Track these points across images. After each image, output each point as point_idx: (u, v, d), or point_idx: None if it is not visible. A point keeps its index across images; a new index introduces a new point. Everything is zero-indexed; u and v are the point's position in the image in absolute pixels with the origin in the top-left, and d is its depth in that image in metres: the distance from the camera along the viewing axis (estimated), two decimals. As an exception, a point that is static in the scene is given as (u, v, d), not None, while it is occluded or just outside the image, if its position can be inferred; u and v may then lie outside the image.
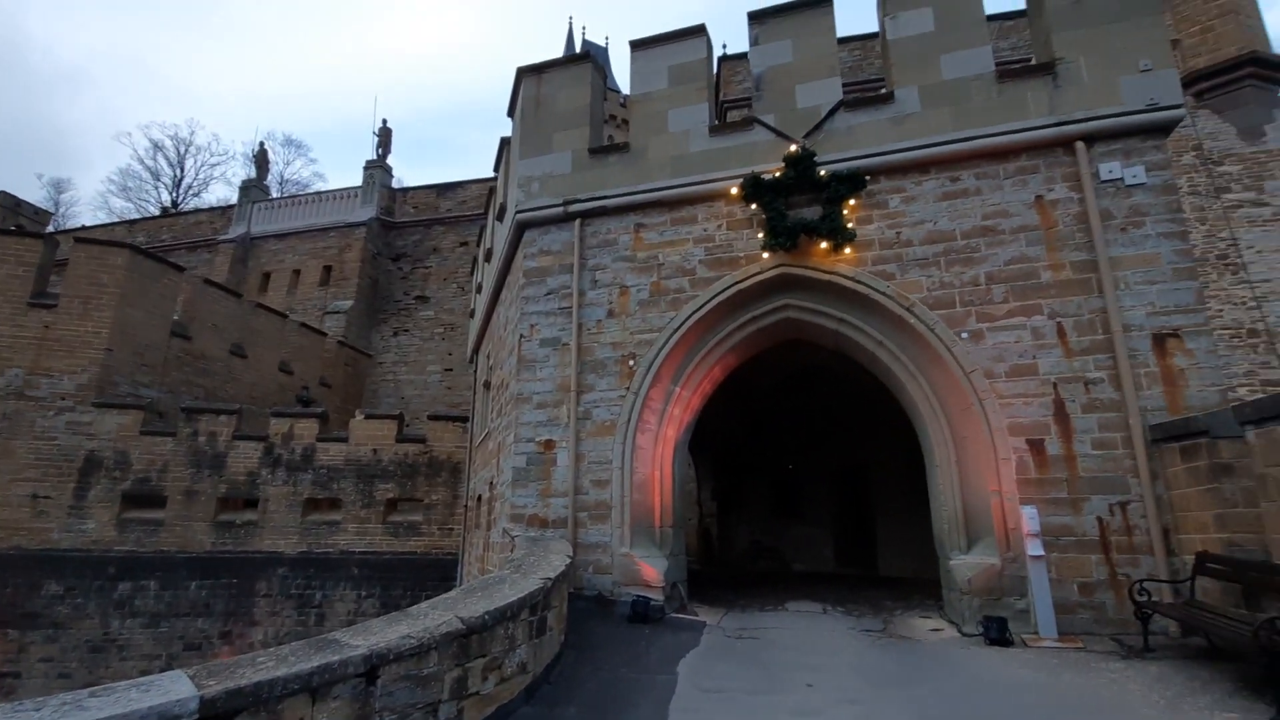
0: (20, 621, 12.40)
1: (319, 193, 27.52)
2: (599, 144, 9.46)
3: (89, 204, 41.11)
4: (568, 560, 6.32)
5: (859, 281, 7.88)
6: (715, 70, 9.23)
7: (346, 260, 24.57)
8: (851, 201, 8.03)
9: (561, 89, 9.81)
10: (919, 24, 8.36)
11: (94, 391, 14.31)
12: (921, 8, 8.29)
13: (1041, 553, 6.47)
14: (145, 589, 13.29)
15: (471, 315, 16.90)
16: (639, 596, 7.37)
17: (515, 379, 9.05)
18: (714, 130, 8.88)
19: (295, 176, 45.99)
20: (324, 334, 22.04)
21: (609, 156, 9.28)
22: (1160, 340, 6.87)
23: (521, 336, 9.12)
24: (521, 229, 9.63)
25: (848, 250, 7.93)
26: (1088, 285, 7.19)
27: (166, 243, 27.39)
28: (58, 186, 46.17)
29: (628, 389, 8.39)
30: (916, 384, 7.74)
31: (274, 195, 29.78)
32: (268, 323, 19.80)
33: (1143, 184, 7.33)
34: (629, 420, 8.27)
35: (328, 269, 25.07)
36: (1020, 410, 7.06)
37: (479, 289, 15.14)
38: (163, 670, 12.36)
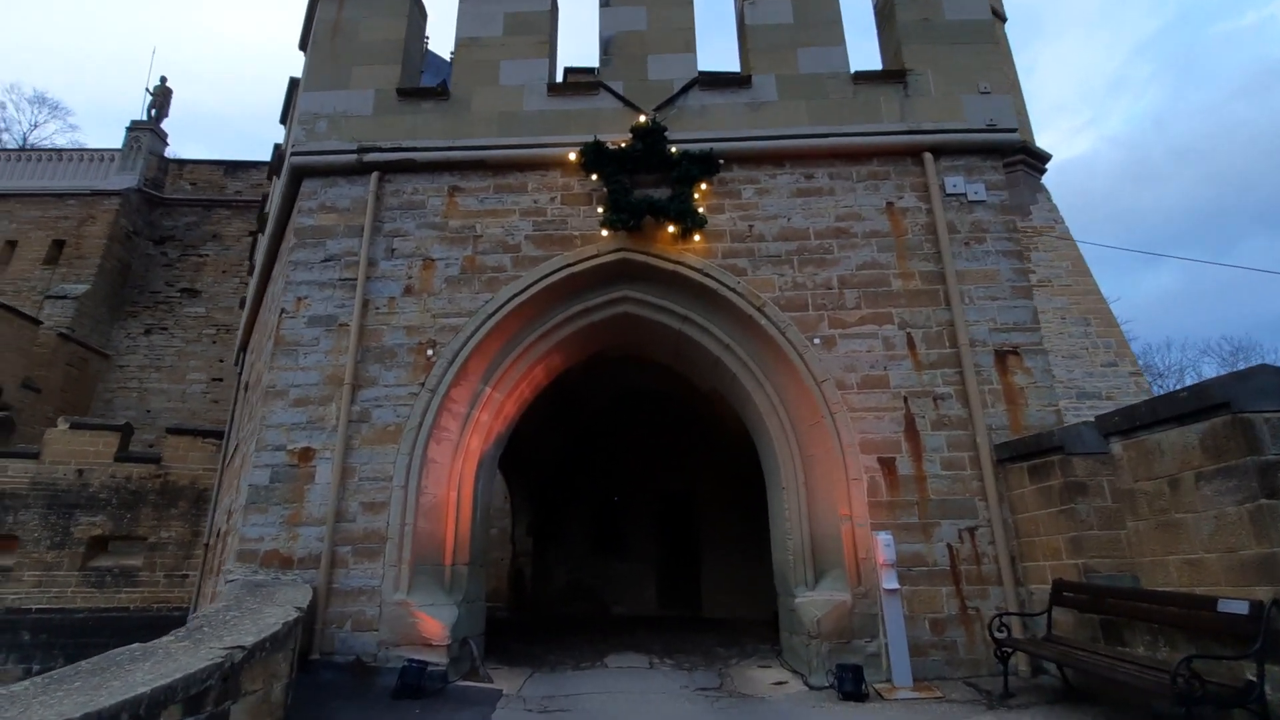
0: None
1: (59, 149, 22.03)
2: (413, 85, 7.69)
3: None
4: (295, 614, 4.28)
5: (708, 275, 6.88)
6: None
7: (87, 235, 19.54)
8: (704, 185, 7.08)
9: (369, 15, 7.94)
10: (778, 14, 7.83)
11: None
12: (781, -1, 7.77)
13: (896, 585, 5.66)
14: None
15: (242, 305, 13.77)
16: (412, 662, 5.43)
17: (269, 368, 6.78)
18: (553, 90, 7.56)
19: (47, 142, 37.25)
20: (36, 321, 17.03)
21: (423, 102, 7.55)
22: (1002, 357, 6.59)
23: (284, 312, 6.90)
24: (299, 178, 7.48)
25: (697, 238, 6.92)
26: (936, 296, 6.81)
27: None
28: None
29: (423, 385, 6.55)
30: (764, 394, 6.82)
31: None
32: (-58, 298, 14.72)
33: (983, 201, 7.20)
34: (421, 424, 6.40)
35: (59, 244, 19.76)
36: (872, 425, 6.36)
37: (252, 269, 12.27)
38: None
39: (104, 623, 10.73)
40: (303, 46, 8.70)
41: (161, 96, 22.31)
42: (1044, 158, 13.92)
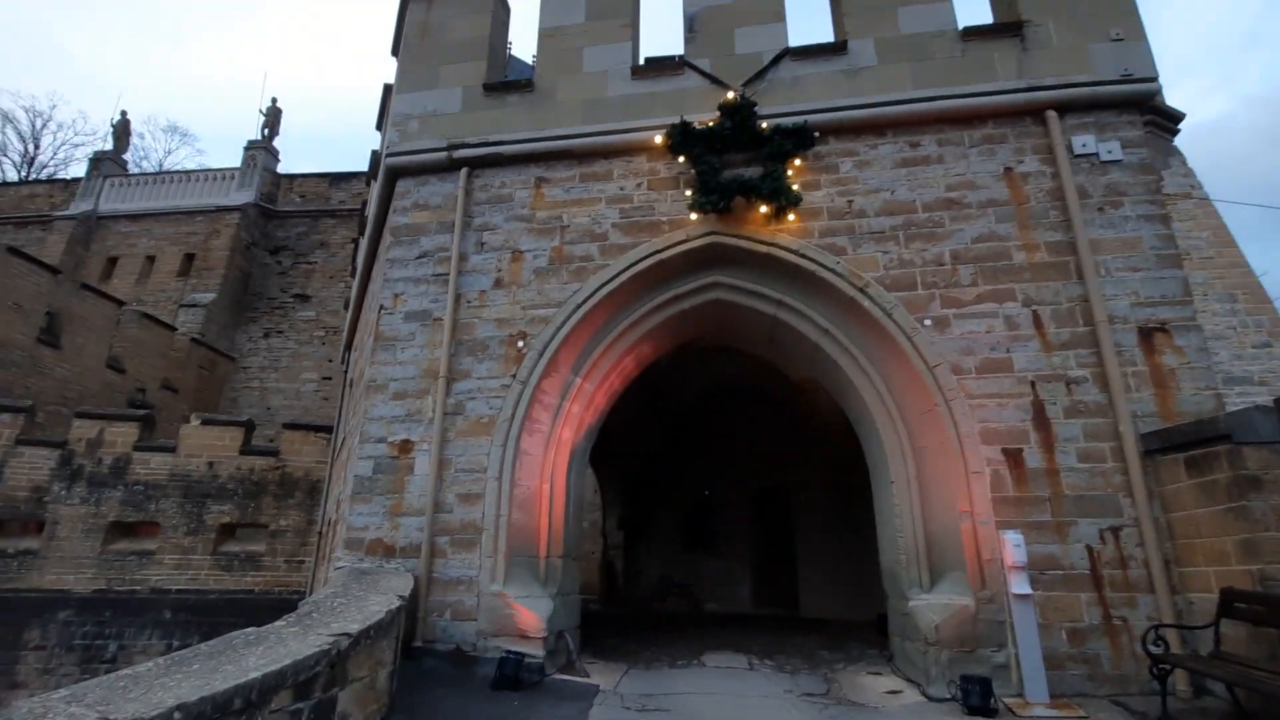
0: None
1: (188, 171, 24.12)
2: (498, 79, 7.72)
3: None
4: (398, 602, 4.31)
5: (804, 255, 6.48)
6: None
7: (213, 248, 21.33)
8: (798, 161, 6.68)
9: (456, 15, 8.05)
10: (874, -28, 7.27)
11: None
12: (878, -48, 7.20)
13: (1028, 590, 5.09)
14: None
15: (346, 307, 14.51)
16: (509, 653, 5.41)
17: (370, 362, 6.99)
18: (637, 73, 7.37)
19: (178, 166, 41.22)
20: (172, 328, 18.72)
21: (508, 95, 7.56)
22: (1147, 335, 5.81)
23: (382, 308, 7.10)
24: (394, 178, 7.68)
25: (791, 217, 6.53)
26: (1065, 269, 6.10)
27: (-12, 216, 23.06)
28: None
29: (514, 377, 6.54)
30: (868, 381, 6.35)
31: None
32: (95, 309, 16.43)
33: (1118, 160, 6.40)
34: (513, 417, 6.40)
35: (190, 257, 21.70)
36: (994, 413, 5.77)
37: (354, 272, 12.87)
38: None
39: (233, 603, 11.58)
40: (395, 52, 8.96)
41: (272, 117, 23.97)
42: (1176, 117, 12.41)
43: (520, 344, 6.64)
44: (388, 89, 9.83)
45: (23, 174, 35.78)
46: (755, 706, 5.12)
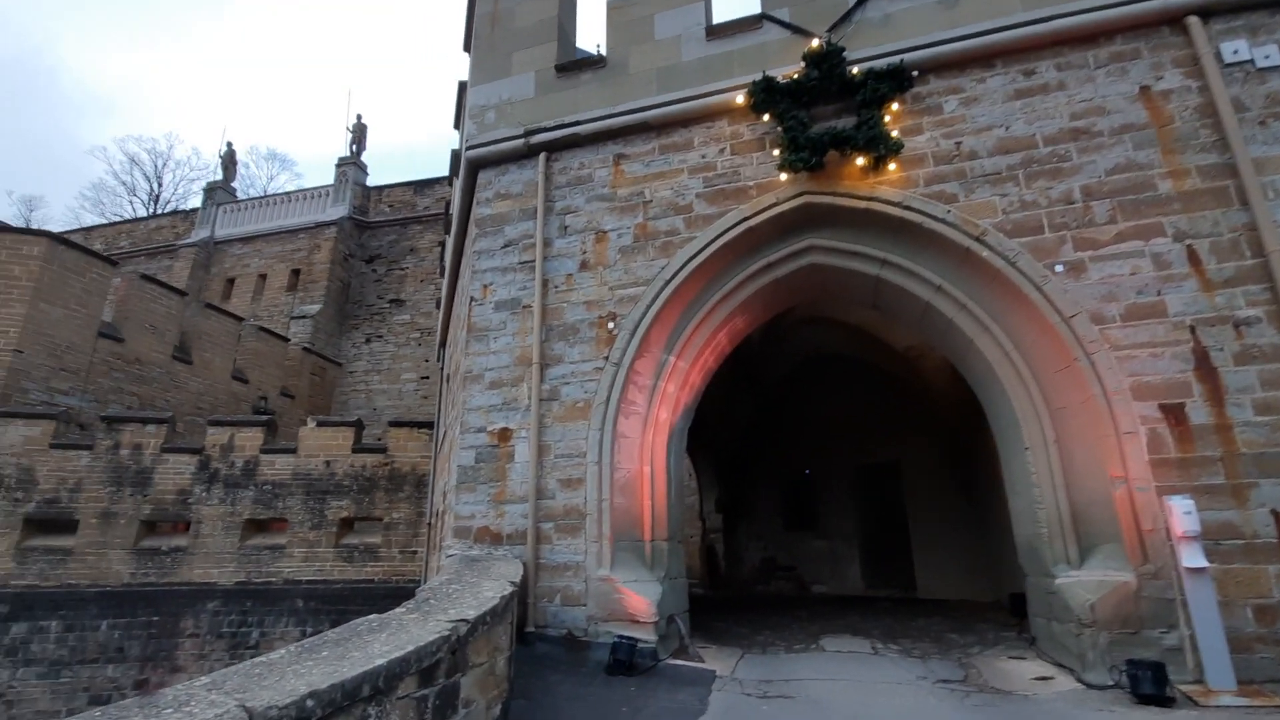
0: (-120, 675, 10.25)
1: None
2: (569, 60, 7.58)
3: (59, 221, 39.23)
4: (510, 588, 4.27)
5: (908, 207, 5.96)
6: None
7: (315, 262, 22.68)
8: (894, 105, 6.14)
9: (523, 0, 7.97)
10: (969, -112, 6.55)
11: (-3, 399, 12.30)
12: None
13: (1203, 563, 4.45)
14: (45, 631, 11.14)
15: (438, 306, 14.97)
16: (621, 638, 5.31)
17: (465, 354, 7.08)
18: (712, 33, 7.02)
19: (280, 190, 44.32)
20: (285, 339, 20.06)
21: (581, 74, 7.41)
22: (1335, 263, 4.93)
23: (473, 300, 7.16)
24: (475, 171, 7.73)
25: (892, 167, 6.02)
26: (1224, 195, 5.28)
27: (125, 250, 25.55)
28: (30, 204, 44.41)
29: (606, 359, 6.42)
30: (990, 339, 5.78)
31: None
32: (219, 326, 17.84)
33: (1278, 66, 5.46)
34: (609, 400, 6.28)
35: (296, 272, 23.18)
36: (1147, 365, 5.09)
37: (442, 271, 13.22)
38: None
39: (356, 592, 12.27)
40: (466, 47, 9.01)
41: (358, 133, 25.13)
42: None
43: (610, 325, 6.51)
44: (462, 86, 9.94)
45: (150, 209, 39.44)
46: (886, 694, 4.77)
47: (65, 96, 78.29)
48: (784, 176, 6.24)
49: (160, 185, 42.59)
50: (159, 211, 38.94)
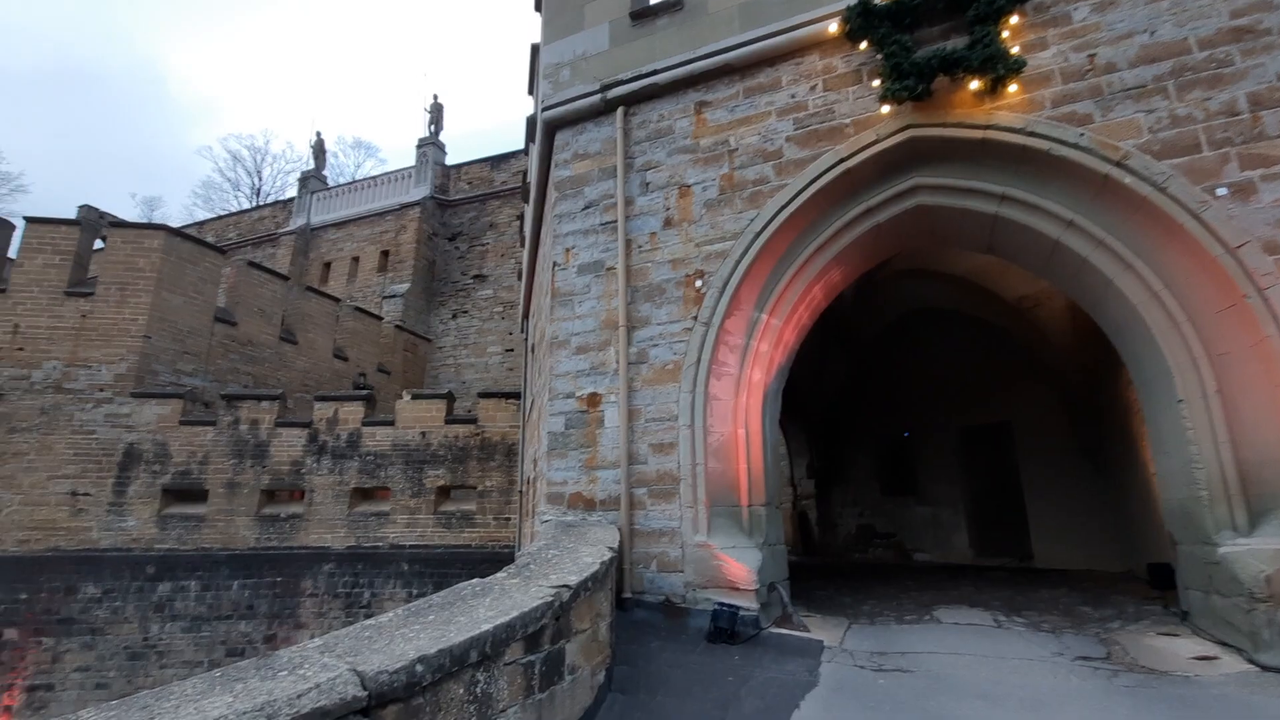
0: (55, 628, 11.58)
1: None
2: (643, 6, 7.20)
3: (176, 218, 42.55)
4: (609, 554, 4.16)
5: (1033, 133, 5.28)
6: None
7: (402, 243, 23.48)
8: (1013, 19, 5.43)
9: (592, -53, 7.61)
10: None
11: (133, 381, 13.45)
12: None
13: None
14: (185, 590, 12.25)
15: (520, 277, 15.09)
16: (722, 605, 5.13)
17: (550, 320, 6.99)
18: (797, -40, 6.44)
19: (366, 175, 46.23)
20: (379, 318, 20.95)
21: (657, 19, 7.02)
22: None
23: (555, 265, 7.04)
24: (551, 133, 7.54)
25: (1012, 89, 5.33)
26: None
27: (233, 240, 27.34)
28: (151, 204, 48.44)
29: (695, 319, 6.14)
30: (1134, 278, 5.07)
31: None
32: (319, 307, 18.80)
33: None
34: (699, 361, 6.02)
35: (385, 254, 24.09)
36: (1340, 299, 4.30)
37: (523, 241, 13.26)
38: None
39: (455, 556, 12.78)
40: (537, 7, 8.78)
41: (436, 113, 25.61)
42: None
43: (698, 283, 6.21)
44: (535, 48, 9.73)
45: (252, 201, 42.10)
46: (1018, 671, 4.36)
47: (175, 101, 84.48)
48: (885, 109, 5.68)
49: (260, 179, 45.38)
50: (260, 203, 41.52)
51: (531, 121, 9.61)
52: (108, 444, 12.99)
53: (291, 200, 27.59)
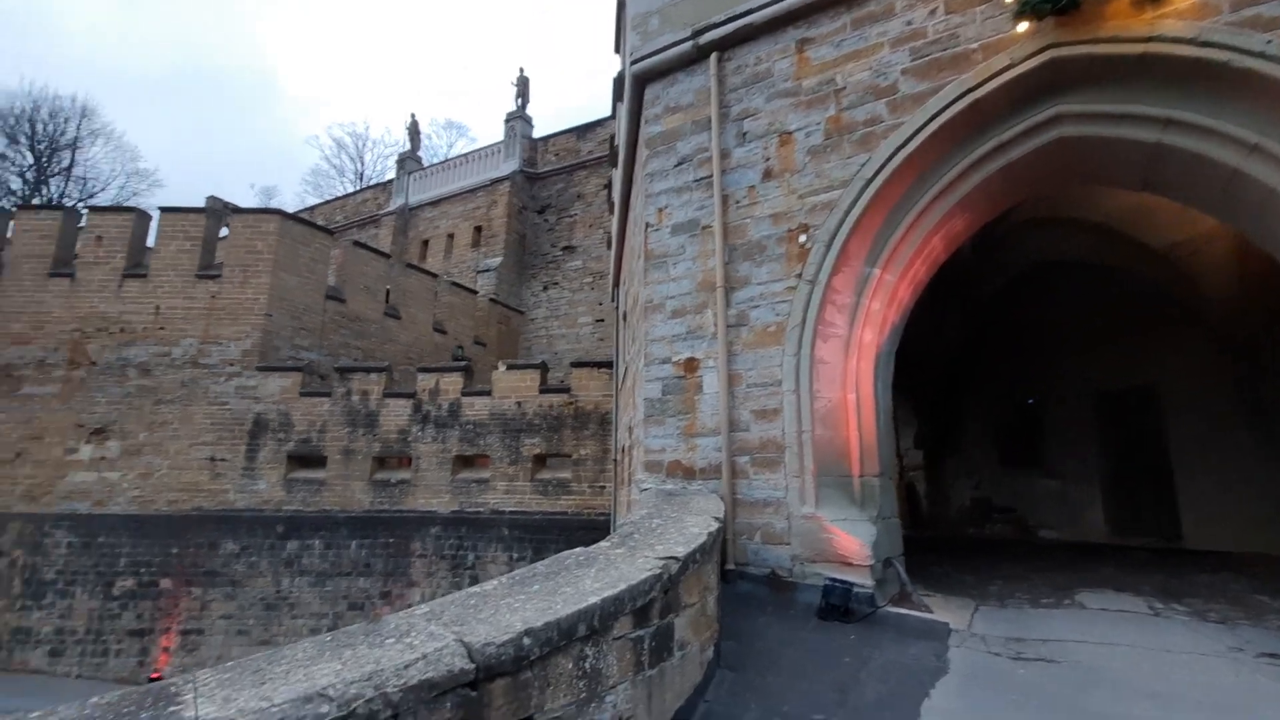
0: (202, 579, 12.84)
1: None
2: (736, -60, 6.67)
3: (290, 204, 45.55)
4: (715, 525, 3.93)
5: (1208, 43, 4.43)
6: None
7: (494, 218, 23.96)
8: (1185, -95, 4.54)
9: (680, -117, 7.12)
10: None
11: (257, 356, 14.52)
12: None
13: None
14: (311, 548, 13.23)
15: (609, 245, 14.96)
16: (834, 581, 4.81)
17: (643, 284, 6.76)
18: None
19: (458, 154, 47.61)
20: (474, 292, 21.59)
21: (752, -46, 6.49)
22: None
23: (648, 225, 6.77)
24: (641, 87, 7.22)
25: (1181, -10, 4.49)
26: None
27: (340, 222, 28.88)
28: (268, 193, 52.11)
29: (799, 277, 5.72)
30: (1346, 209, 4.20)
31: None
32: (419, 283, 19.57)
33: None
34: (804, 321, 5.61)
35: (478, 229, 24.68)
36: None
37: (611, 208, 13.07)
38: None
39: (552, 523, 13.08)
40: (622, -43, 8.40)
41: (522, 86, 25.73)
42: None
43: (802, 238, 5.77)
44: (621, 3, 9.38)
45: (356, 185, 44.31)
46: (1188, 667, 3.79)
47: (283, 94, 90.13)
48: (1021, 28, 4.95)
49: (363, 163, 47.71)
50: (363, 186, 43.73)
51: (619, 79, 9.31)
52: (239, 414, 14.14)
53: (390, 182, 28.76)
